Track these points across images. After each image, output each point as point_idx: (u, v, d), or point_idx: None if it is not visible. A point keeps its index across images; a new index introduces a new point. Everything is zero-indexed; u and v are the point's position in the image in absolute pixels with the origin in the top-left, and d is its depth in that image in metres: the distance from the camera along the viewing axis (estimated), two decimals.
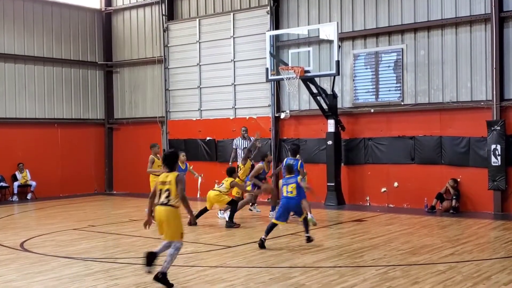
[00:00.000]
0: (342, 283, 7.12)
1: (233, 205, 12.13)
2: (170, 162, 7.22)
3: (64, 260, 8.84)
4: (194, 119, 18.51)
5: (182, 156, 13.69)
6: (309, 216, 10.42)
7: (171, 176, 7.08)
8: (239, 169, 13.19)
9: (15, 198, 17.82)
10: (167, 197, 7.03)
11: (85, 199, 18.29)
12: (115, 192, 20.34)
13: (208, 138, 18.07)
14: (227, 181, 12.25)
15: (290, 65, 14.92)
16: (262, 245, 9.38)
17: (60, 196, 18.84)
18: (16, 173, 18.09)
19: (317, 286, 7.00)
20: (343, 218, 12.96)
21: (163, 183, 7.09)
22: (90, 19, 20.37)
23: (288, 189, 9.67)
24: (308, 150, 16.06)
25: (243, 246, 9.79)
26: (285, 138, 16.65)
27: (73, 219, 13.67)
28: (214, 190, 12.31)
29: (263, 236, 9.51)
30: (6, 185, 17.86)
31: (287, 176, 9.92)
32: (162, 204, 7.06)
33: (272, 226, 9.67)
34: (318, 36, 15.43)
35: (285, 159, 12.09)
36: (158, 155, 13.11)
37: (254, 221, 13.07)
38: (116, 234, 11.26)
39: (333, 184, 15.02)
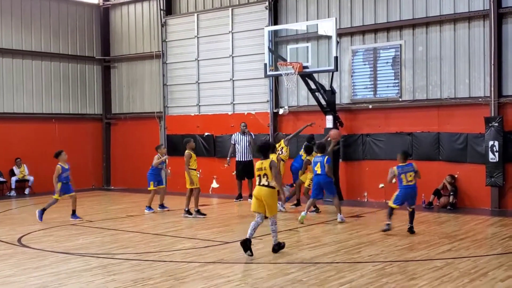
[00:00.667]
0: (339, 278, 7.14)
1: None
2: (263, 151, 8.82)
3: (62, 255, 8.86)
4: (193, 114, 18.50)
5: (163, 148, 13.92)
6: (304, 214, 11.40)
7: (265, 163, 8.59)
8: (281, 150, 13.69)
9: (12, 193, 17.81)
10: (266, 180, 8.52)
11: (83, 194, 18.23)
12: (112, 187, 20.33)
13: (206, 134, 18.06)
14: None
15: (288, 60, 14.88)
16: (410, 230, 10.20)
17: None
18: (14, 168, 18.08)
19: (315, 281, 7.02)
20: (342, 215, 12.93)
21: (259, 169, 8.62)
22: (88, 14, 20.32)
23: (407, 178, 10.29)
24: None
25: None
26: (284, 133, 16.60)
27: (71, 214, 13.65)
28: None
29: (387, 222, 10.26)
30: (4, 180, 17.86)
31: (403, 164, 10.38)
32: (262, 185, 8.56)
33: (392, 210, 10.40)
34: (317, 31, 15.39)
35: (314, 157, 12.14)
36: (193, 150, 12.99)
37: (250, 217, 13.06)
38: (113, 230, 11.26)
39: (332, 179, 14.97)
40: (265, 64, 15.17)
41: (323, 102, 15.05)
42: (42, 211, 12.39)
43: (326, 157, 11.83)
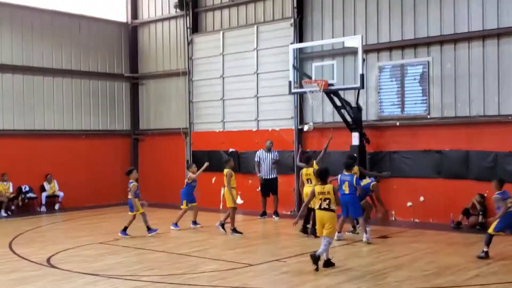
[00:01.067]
0: None
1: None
2: (323, 177, 9.59)
3: (89, 277, 8.96)
4: (217, 130, 18.59)
5: (194, 167, 13.96)
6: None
7: (328, 188, 9.39)
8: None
9: (43, 208, 18.10)
10: (328, 204, 9.27)
11: (112, 210, 18.47)
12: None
13: (231, 150, 18.11)
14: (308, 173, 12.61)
15: (313, 78, 14.86)
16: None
17: (87, 206, 19.07)
18: (44, 183, 18.38)
19: None
20: (368, 234, 12.79)
21: (322, 193, 9.35)
22: (116, 32, 20.66)
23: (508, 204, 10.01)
24: (333, 163, 15.89)
25: (264, 264, 9.77)
26: (308, 150, 16.58)
27: (100, 231, 13.85)
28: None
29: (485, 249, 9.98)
30: (35, 195, 18.17)
31: None
32: (324, 209, 9.29)
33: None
34: (343, 48, 15.34)
35: (339, 175, 11.89)
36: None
37: (274, 236, 13.05)
38: (140, 249, 11.34)
39: None
40: (290, 82, 15.17)
41: (348, 119, 14.97)
42: (124, 231, 12.89)
43: (355, 176, 11.69)
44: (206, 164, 14.16)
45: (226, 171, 12.84)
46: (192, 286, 8.27)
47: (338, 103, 14.94)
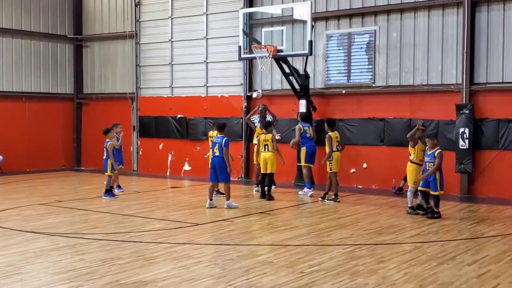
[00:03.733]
0: (309, 260, 7.18)
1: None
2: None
3: (30, 234, 8.73)
4: (165, 96, 18.32)
5: (119, 128, 13.91)
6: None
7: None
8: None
9: None
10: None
11: (53, 174, 18.02)
12: (83, 168, 20.06)
13: (179, 116, 17.91)
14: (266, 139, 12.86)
15: (263, 43, 14.80)
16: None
17: (27, 171, 18.52)
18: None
19: (284, 263, 7.05)
20: (311, 198, 13.02)
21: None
22: None
23: None
24: (280, 130, 16.01)
25: (211, 223, 9.79)
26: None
27: (40, 194, 13.48)
28: (267, 152, 12.81)
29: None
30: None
31: None
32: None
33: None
34: (292, 15, 15.33)
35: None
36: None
37: (222, 198, 13.07)
38: (83, 210, 11.13)
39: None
40: (239, 47, 15.06)
41: (296, 86, 15.04)
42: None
43: (225, 138, 11.28)
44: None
45: (268, 136, 12.76)
46: (137, 243, 8.19)
47: (287, 70, 14.97)
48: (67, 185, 15.65)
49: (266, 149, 12.75)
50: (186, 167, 17.88)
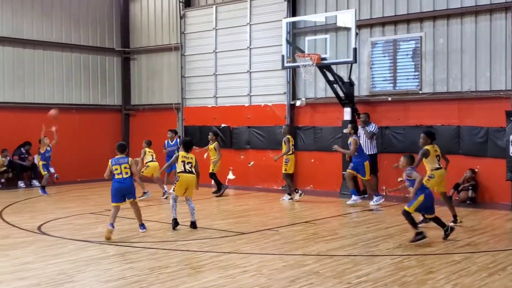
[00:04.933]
0: (356, 271, 7.11)
1: None
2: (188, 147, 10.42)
3: (81, 243, 8.95)
4: (210, 106, 18.53)
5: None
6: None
7: (192, 155, 10.40)
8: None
9: (34, 182, 17.97)
10: (190, 167, 10.21)
11: (102, 184, 18.38)
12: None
13: (223, 125, 18.08)
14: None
15: (306, 52, 14.82)
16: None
17: (78, 180, 19.01)
18: (35, 156, 18.22)
19: (331, 274, 7.00)
20: (358, 207, 12.91)
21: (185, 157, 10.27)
22: (108, 5, 20.43)
23: None
24: (324, 138, 16.02)
25: (256, 233, 9.82)
26: (301, 126, 16.60)
27: (90, 203, 13.84)
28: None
29: None
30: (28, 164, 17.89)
31: None
32: (190, 172, 10.21)
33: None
34: (336, 23, 15.28)
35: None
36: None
37: (267, 207, 13.11)
38: (131, 219, 11.31)
39: None
40: (283, 56, 15.12)
41: (341, 94, 14.97)
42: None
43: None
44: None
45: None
46: (184, 252, 8.29)
47: (331, 78, 14.93)
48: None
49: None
50: (230, 176, 18.00)
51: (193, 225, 10.22)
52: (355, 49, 14.03)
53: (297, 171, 16.61)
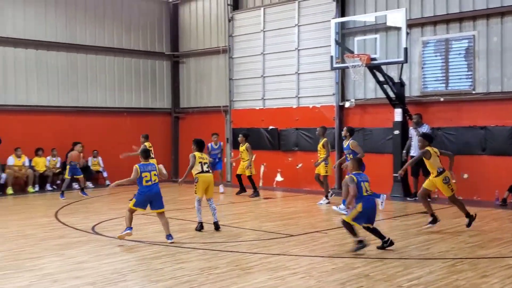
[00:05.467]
0: (407, 274, 6.98)
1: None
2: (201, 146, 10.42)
3: (133, 243, 9.13)
4: (257, 108, 18.59)
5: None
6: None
7: (205, 155, 10.51)
8: None
9: (88, 184, 18.43)
10: (207, 167, 10.28)
11: None
12: (180, 179, 20.66)
13: (270, 127, 18.10)
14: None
15: (356, 52, 14.67)
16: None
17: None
18: (89, 158, 18.73)
19: (382, 277, 6.90)
20: (409, 210, 12.69)
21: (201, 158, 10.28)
22: (158, 10, 20.83)
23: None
24: (374, 139, 15.82)
25: (305, 235, 9.77)
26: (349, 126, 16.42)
27: None
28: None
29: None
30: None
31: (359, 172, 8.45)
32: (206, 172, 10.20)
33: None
34: (386, 22, 15.07)
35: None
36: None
37: (315, 210, 13.04)
38: (181, 220, 11.50)
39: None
40: (331, 57, 15.03)
41: (391, 94, 14.75)
42: None
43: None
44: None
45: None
46: (233, 253, 8.34)
47: (381, 78, 14.74)
48: (166, 196, 16.12)
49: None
50: (278, 178, 18.00)
51: (216, 225, 10.15)
52: (406, 49, 13.81)
53: (346, 173, 16.47)
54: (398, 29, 14.44)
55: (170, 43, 21.05)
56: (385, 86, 14.72)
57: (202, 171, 10.16)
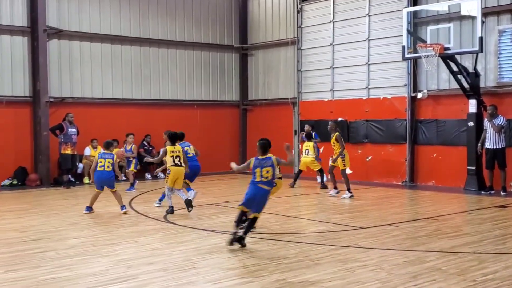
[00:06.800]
0: (482, 269, 6.77)
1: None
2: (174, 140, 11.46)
3: (203, 232, 9.32)
4: (326, 99, 18.45)
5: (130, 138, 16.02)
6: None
7: (178, 147, 11.45)
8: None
9: (160, 174, 18.92)
10: (179, 160, 11.24)
11: (222, 176, 19.07)
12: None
13: (339, 119, 17.91)
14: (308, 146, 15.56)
15: (428, 42, 14.29)
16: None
17: (200, 173, 19.71)
18: (161, 150, 19.16)
19: (455, 271, 6.72)
20: (484, 204, 12.26)
21: (173, 152, 11.20)
22: (227, 4, 21.04)
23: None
24: (447, 132, 15.37)
25: (375, 228, 9.65)
26: (422, 119, 16.04)
27: (211, 194, 14.36)
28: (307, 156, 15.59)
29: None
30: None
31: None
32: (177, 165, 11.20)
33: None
34: (459, 11, 14.56)
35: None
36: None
37: (386, 202, 12.85)
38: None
39: (473, 168, 14.22)
40: (403, 47, 14.70)
41: (465, 85, 14.27)
42: None
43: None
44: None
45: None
46: (302, 244, 8.35)
47: (455, 68, 14.30)
48: (235, 186, 16.48)
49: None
50: (347, 170, 17.74)
51: (188, 202, 10.93)
52: (481, 38, 13.32)
53: (417, 166, 16.15)
54: (472, 17, 13.94)
55: (239, 35, 21.24)
56: (459, 76, 14.26)
57: (174, 164, 11.09)
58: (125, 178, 15.89)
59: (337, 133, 13.68)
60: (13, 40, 16.62)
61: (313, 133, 16.36)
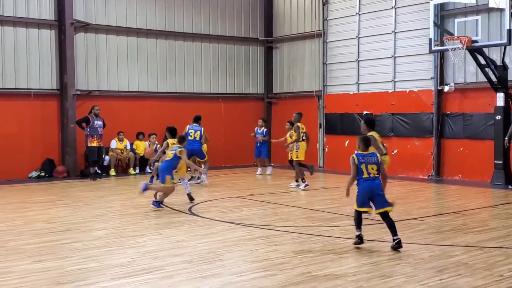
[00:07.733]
0: (509, 264, 6.70)
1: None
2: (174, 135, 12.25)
3: (228, 225, 9.38)
4: (351, 92, 18.34)
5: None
6: None
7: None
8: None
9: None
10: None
11: (246, 169, 19.13)
12: (272, 164, 20.91)
13: (365, 112, 17.78)
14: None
15: (456, 35, 14.10)
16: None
17: (224, 166, 19.87)
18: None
19: (481, 265, 6.65)
20: (511, 198, 12.07)
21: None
22: None
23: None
24: (474, 125, 15.16)
25: (400, 222, 9.56)
26: (449, 112, 15.84)
27: (236, 187, 14.43)
28: None
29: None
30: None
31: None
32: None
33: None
34: (487, 3, 14.30)
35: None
36: None
37: (411, 196, 12.75)
38: (274, 203, 11.65)
39: (501, 162, 14.02)
40: (430, 39, 14.53)
41: (493, 78, 14.05)
42: None
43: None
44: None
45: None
46: (327, 238, 8.35)
47: (482, 61, 14.09)
48: (259, 180, 16.51)
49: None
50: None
51: (189, 196, 11.81)
52: (509, 31, 13.11)
53: (444, 160, 15.98)
54: (501, 10, 13.68)
55: (264, 28, 21.20)
56: (486, 69, 14.05)
57: None
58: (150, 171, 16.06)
59: (298, 123, 14.49)
60: (40, 34, 16.86)
61: None
